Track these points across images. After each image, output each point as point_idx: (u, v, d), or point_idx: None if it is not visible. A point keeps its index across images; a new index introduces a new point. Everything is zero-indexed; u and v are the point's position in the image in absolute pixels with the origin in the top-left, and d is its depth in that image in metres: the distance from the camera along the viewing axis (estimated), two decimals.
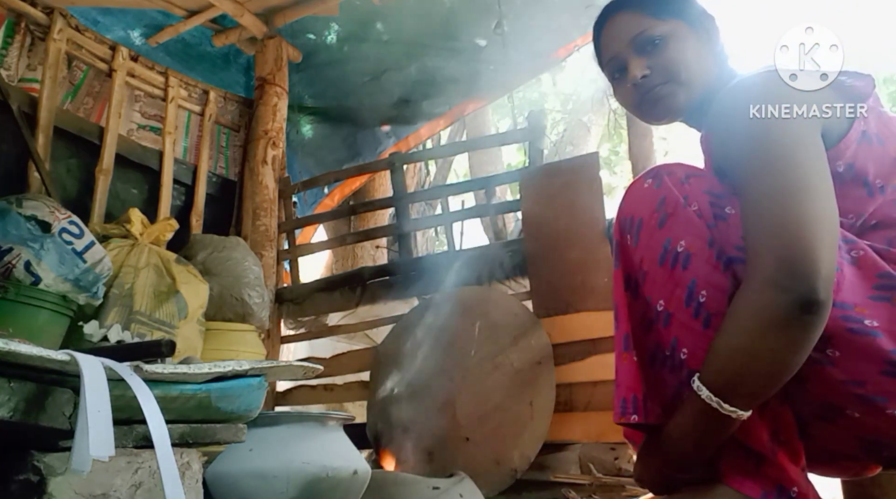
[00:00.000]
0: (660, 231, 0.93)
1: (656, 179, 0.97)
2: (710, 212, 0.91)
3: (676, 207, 0.93)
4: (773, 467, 0.85)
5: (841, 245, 0.84)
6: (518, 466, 1.98)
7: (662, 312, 0.91)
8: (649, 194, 0.96)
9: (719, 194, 0.93)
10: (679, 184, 0.94)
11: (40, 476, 0.90)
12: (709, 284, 0.88)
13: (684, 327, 0.89)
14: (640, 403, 0.91)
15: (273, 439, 1.20)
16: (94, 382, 0.81)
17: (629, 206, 0.99)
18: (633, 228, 0.97)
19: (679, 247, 0.91)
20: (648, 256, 0.93)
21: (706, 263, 0.89)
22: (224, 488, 1.18)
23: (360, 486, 1.23)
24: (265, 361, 1.29)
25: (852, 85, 0.96)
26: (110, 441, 0.76)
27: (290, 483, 1.13)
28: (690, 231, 0.91)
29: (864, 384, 0.81)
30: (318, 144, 4.19)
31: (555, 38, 3.86)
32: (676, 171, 0.97)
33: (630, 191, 1.00)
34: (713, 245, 0.89)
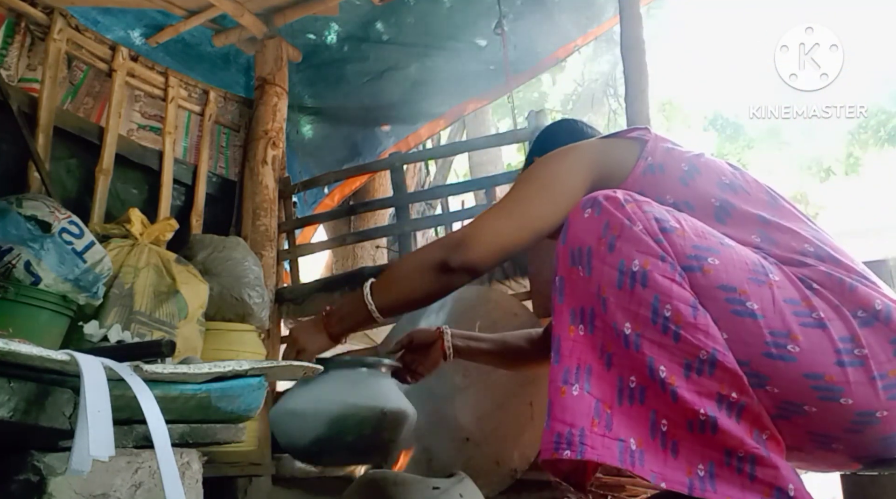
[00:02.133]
0: (611, 255, 0.94)
1: (595, 207, 0.98)
2: (656, 227, 0.94)
3: (622, 228, 0.94)
4: (766, 469, 0.85)
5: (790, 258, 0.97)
6: (518, 466, 1.98)
7: (631, 334, 0.91)
8: (592, 222, 0.97)
9: (662, 211, 0.97)
10: (619, 207, 0.96)
11: (40, 476, 0.90)
12: (670, 297, 0.90)
13: (656, 345, 0.90)
14: (574, 438, 0.88)
15: (315, 383, 1.31)
16: (94, 382, 0.81)
17: (573, 237, 0.99)
18: (582, 259, 0.97)
19: (634, 266, 0.92)
20: (606, 282, 0.93)
21: (663, 277, 0.91)
22: (274, 426, 1.33)
23: (392, 424, 1.29)
24: (265, 361, 1.29)
25: (636, 137, 1.18)
26: (110, 441, 0.76)
27: (317, 419, 1.25)
28: (641, 249, 0.93)
29: (822, 376, 0.86)
30: (318, 144, 4.19)
31: (555, 38, 3.86)
32: (613, 195, 0.99)
33: (571, 223, 1.00)
34: (665, 259, 0.92)
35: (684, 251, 0.93)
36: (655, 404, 0.89)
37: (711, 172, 1.10)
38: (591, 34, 4.08)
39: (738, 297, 0.90)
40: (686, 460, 0.87)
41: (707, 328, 0.88)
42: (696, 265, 0.92)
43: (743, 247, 0.97)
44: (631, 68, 2.49)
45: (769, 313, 0.88)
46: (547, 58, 4.04)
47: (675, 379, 0.88)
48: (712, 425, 0.86)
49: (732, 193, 1.07)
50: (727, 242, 0.97)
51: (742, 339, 0.88)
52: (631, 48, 2.52)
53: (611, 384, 0.92)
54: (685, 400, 0.87)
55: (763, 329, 0.88)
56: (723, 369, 0.87)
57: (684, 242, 0.94)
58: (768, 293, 0.90)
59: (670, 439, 0.89)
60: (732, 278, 0.91)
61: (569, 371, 0.92)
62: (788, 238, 1.01)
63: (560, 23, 3.69)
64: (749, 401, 0.87)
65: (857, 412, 0.86)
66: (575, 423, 0.89)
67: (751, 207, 1.05)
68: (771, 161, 9.70)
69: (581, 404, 0.90)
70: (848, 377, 0.85)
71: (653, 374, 0.89)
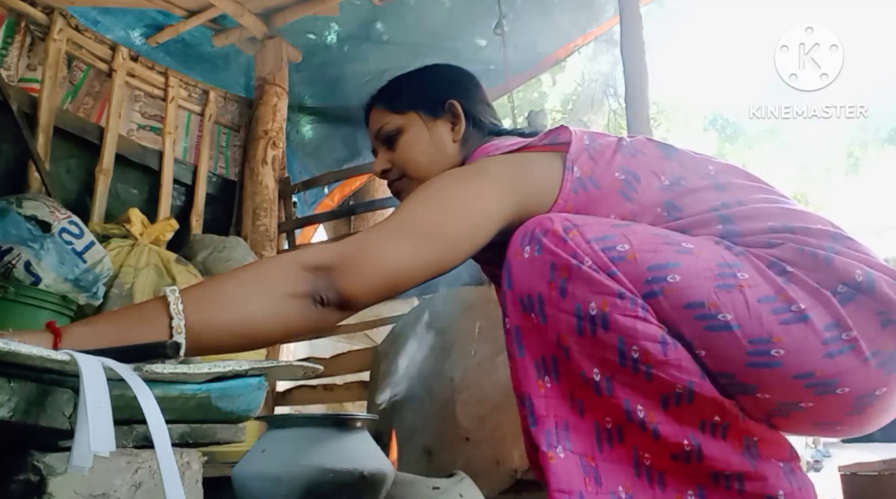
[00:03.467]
0: (565, 301, 0.86)
1: (533, 245, 0.88)
2: (605, 259, 0.86)
3: (570, 269, 0.86)
4: (755, 481, 0.84)
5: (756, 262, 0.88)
6: (518, 466, 1.98)
7: (601, 380, 0.85)
8: (535, 264, 0.88)
9: (605, 235, 0.88)
10: (561, 242, 0.87)
11: (40, 476, 0.90)
12: (636, 338, 0.83)
13: (628, 387, 0.85)
14: None
15: (283, 442, 1.20)
16: (94, 379, 0.81)
17: (520, 284, 0.89)
18: (534, 306, 0.88)
19: (591, 310, 0.84)
20: (565, 330, 0.86)
21: (625, 317, 0.83)
22: (240, 490, 1.20)
23: (371, 488, 1.20)
24: (265, 361, 1.29)
25: (555, 144, 1.03)
26: (111, 436, 0.75)
27: (292, 485, 1.13)
28: (595, 289, 0.85)
29: (812, 374, 0.81)
30: (318, 144, 4.19)
31: (555, 38, 3.86)
32: (550, 226, 0.89)
33: (513, 265, 0.90)
34: (623, 296, 0.84)
35: (640, 277, 0.85)
36: (635, 440, 0.86)
37: (649, 173, 1.00)
38: (591, 34, 4.08)
39: (708, 311, 0.83)
40: (675, 489, 0.85)
41: (679, 362, 0.83)
42: (657, 288, 0.84)
43: (704, 244, 0.90)
44: (631, 68, 2.49)
45: (745, 321, 0.82)
46: (547, 58, 4.04)
47: (654, 415, 0.84)
48: (697, 454, 0.84)
49: (679, 191, 0.99)
50: (685, 248, 0.88)
51: (722, 354, 0.83)
52: (631, 48, 2.52)
53: (588, 432, 0.87)
54: (667, 435, 0.84)
55: (741, 340, 0.82)
56: (701, 398, 0.83)
57: (638, 265, 0.86)
58: (740, 298, 0.83)
59: (655, 472, 0.86)
60: (698, 293, 0.84)
61: (549, 433, 0.86)
62: (750, 220, 0.94)
63: (560, 23, 3.69)
64: (733, 420, 0.84)
65: (854, 397, 0.83)
66: (573, 488, 0.84)
67: (701, 202, 0.97)
68: (771, 161, 9.71)
69: (570, 465, 0.85)
70: (840, 367, 0.81)
71: (630, 416, 0.85)
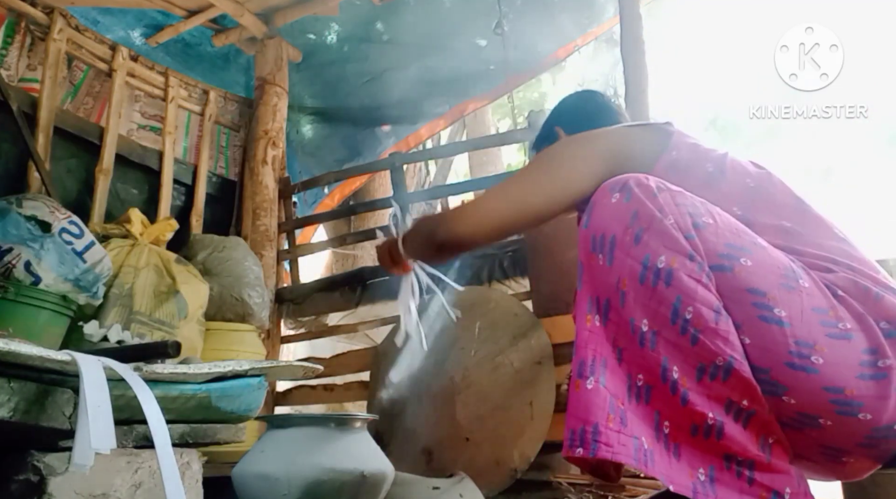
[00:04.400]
0: (636, 248, 0.89)
1: (624, 192, 0.93)
2: (688, 222, 0.90)
3: (652, 220, 0.89)
4: (765, 473, 0.85)
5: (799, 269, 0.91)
6: (518, 466, 1.98)
7: (648, 332, 0.87)
8: (620, 209, 0.92)
9: (695, 205, 0.92)
10: (651, 196, 0.91)
11: (40, 476, 0.90)
12: (693, 299, 0.86)
13: (672, 345, 0.86)
14: (587, 436, 0.85)
15: (283, 441, 1.21)
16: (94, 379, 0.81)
17: (598, 222, 0.93)
18: (604, 247, 0.91)
19: (660, 263, 0.87)
20: (628, 275, 0.89)
21: (689, 278, 0.86)
22: (240, 490, 1.20)
23: (372, 488, 1.20)
24: (265, 361, 1.29)
25: (662, 128, 1.15)
26: (111, 434, 0.76)
27: (291, 485, 1.13)
28: (669, 245, 0.88)
29: (842, 390, 0.83)
30: (318, 144, 4.19)
31: (555, 38, 3.86)
32: (645, 182, 0.93)
33: (596, 206, 0.94)
34: (694, 259, 0.87)
35: (716, 249, 0.88)
36: (660, 405, 0.87)
37: (737, 175, 1.06)
38: (591, 34, 4.08)
39: (766, 302, 0.86)
40: (688, 463, 0.86)
41: (727, 335, 0.85)
42: (728, 264, 0.88)
43: (775, 249, 0.93)
44: (631, 68, 2.49)
45: (796, 322, 0.85)
46: (547, 58, 4.03)
47: (687, 381, 0.86)
48: (718, 431, 0.85)
49: (757, 196, 1.03)
50: (760, 243, 0.92)
51: (765, 346, 0.85)
52: (631, 48, 2.52)
53: (622, 380, 0.88)
54: (695, 403, 0.85)
55: (788, 338, 0.84)
56: (737, 377, 0.84)
57: (717, 239, 0.89)
58: (797, 301, 0.86)
59: (672, 442, 0.87)
60: (763, 282, 0.87)
61: (584, 364, 0.88)
62: (813, 245, 0.97)
63: (560, 23, 3.69)
64: (759, 409, 0.85)
65: (873, 428, 0.84)
66: (588, 419, 0.85)
67: (774, 214, 1.01)
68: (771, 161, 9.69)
69: (596, 397, 0.86)
70: (869, 391, 0.82)
71: (665, 374, 0.86)
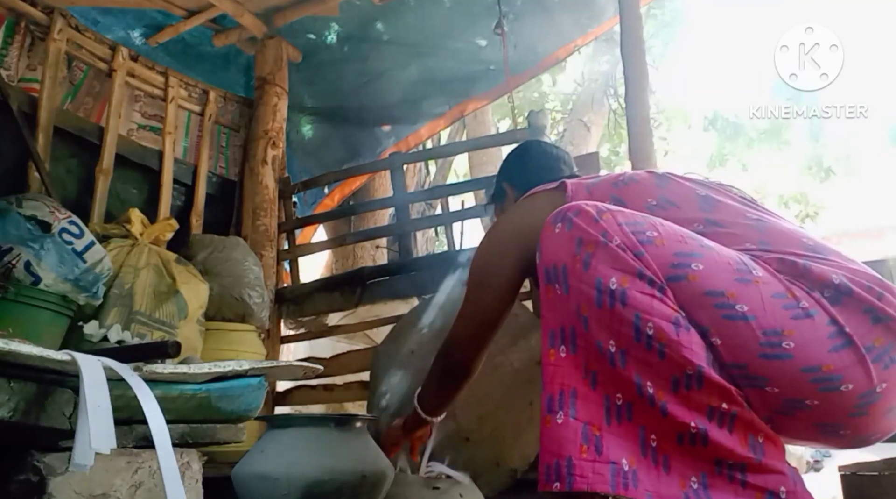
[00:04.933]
0: (587, 273, 0.92)
1: (565, 222, 0.97)
2: (634, 240, 0.92)
3: (596, 245, 0.93)
4: (757, 474, 0.85)
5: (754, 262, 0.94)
6: (518, 466, 1.98)
7: (616, 352, 0.89)
8: (564, 238, 0.96)
9: (636, 222, 0.95)
10: (592, 222, 0.95)
11: (40, 476, 0.90)
12: (651, 314, 0.88)
13: (641, 362, 0.88)
14: (562, 470, 0.87)
15: (284, 442, 1.21)
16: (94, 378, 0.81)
17: (547, 255, 0.97)
18: (558, 277, 0.95)
19: (612, 284, 0.90)
20: (585, 301, 0.92)
21: (642, 294, 0.89)
22: (240, 489, 1.20)
23: (372, 488, 1.21)
24: (265, 362, 1.29)
25: (551, 190, 1.24)
26: (111, 434, 0.76)
27: (290, 485, 1.13)
28: (618, 266, 0.91)
29: (819, 368, 0.85)
30: (318, 144, 4.19)
31: (555, 38, 3.86)
32: (585, 208, 0.97)
33: (543, 241, 0.99)
34: (643, 276, 0.90)
35: (666, 261, 0.91)
36: (644, 419, 0.89)
37: (636, 197, 1.10)
38: (591, 34, 4.07)
39: (727, 301, 0.88)
40: (679, 473, 0.87)
41: (690, 345, 0.87)
42: (681, 273, 0.90)
43: (722, 246, 0.96)
44: (631, 68, 2.49)
45: (759, 313, 0.87)
46: (547, 58, 4.03)
47: (664, 394, 0.87)
48: (703, 438, 0.86)
49: (662, 212, 1.06)
50: (707, 244, 0.95)
51: (737, 343, 0.87)
52: (631, 48, 2.52)
53: (598, 404, 0.90)
54: (675, 414, 0.86)
55: (756, 331, 0.87)
56: (710, 383, 0.86)
57: (665, 251, 0.92)
58: (756, 292, 0.89)
59: (661, 455, 0.88)
60: (718, 282, 0.89)
61: (552, 399, 0.91)
62: (730, 238, 1.00)
63: (560, 23, 3.69)
64: (739, 410, 0.86)
65: (858, 395, 0.85)
66: (561, 453, 0.87)
67: (683, 221, 1.03)
68: (771, 161, 9.69)
69: (566, 431, 0.88)
70: (844, 361, 0.85)
71: (640, 390, 0.88)
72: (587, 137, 6.76)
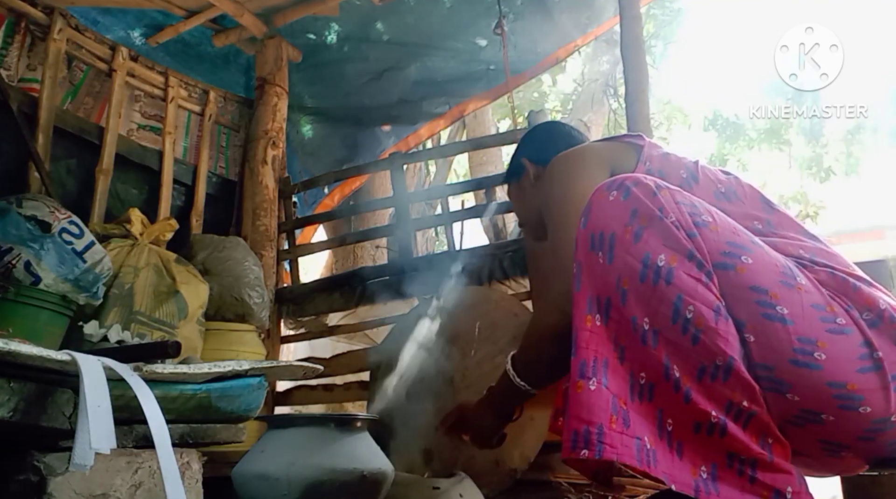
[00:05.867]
0: (636, 246, 0.90)
1: (621, 190, 0.94)
2: (689, 221, 0.91)
3: (651, 218, 0.91)
4: (767, 472, 0.85)
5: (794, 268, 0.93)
6: (518, 466, 1.98)
7: (649, 330, 0.88)
8: (618, 207, 0.93)
9: (694, 204, 0.94)
10: (650, 195, 0.92)
11: (40, 476, 0.90)
12: (694, 298, 0.86)
13: (672, 345, 0.87)
14: (592, 437, 0.84)
15: (284, 441, 1.21)
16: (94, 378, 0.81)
17: (596, 221, 0.94)
18: (604, 245, 0.92)
19: (660, 261, 0.88)
20: (627, 273, 0.89)
21: (689, 276, 0.87)
22: (240, 489, 1.20)
23: (371, 488, 1.21)
24: (265, 362, 1.29)
25: (632, 142, 1.20)
26: (111, 434, 0.76)
27: (290, 485, 1.13)
28: (669, 244, 0.89)
29: (844, 385, 0.84)
30: (318, 144, 4.19)
31: (555, 38, 3.86)
32: (644, 180, 0.94)
33: (594, 206, 0.95)
34: (693, 258, 0.88)
35: (718, 247, 0.90)
36: (663, 402, 0.88)
37: (708, 180, 1.10)
38: (591, 34, 4.07)
39: (769, 300, 0.87)
40: (690, 461, 0.86)
41: (727, 335, 0.86)
42: (730, 263, 0.89)
43: (770, 248, 0.95)
44: (631, 68, 2.49)
45: (798, 319, 0.86)
46: (547, 58, 4.03)
47: (688, 381, 0.86)
48: (721, 429, 0.85)
49: (727, 203, 1.06)
50: (757, 242, 0.94)
51: (770, 343, 0.86)
52: (631, 48, 2.52)
53: (624, 379, 0.89)
54: (698, 402, 0.85)
55: (792, 336, 0.86)
56: (737, 378, 0.85)
57: (718, 237, 0.91)
58: (797, 298, 0.88)
59: (675, 440, 0.87)
60: (764, 280, 0.88)
61: (585, 364, 0.88)
62: (785, 243, 0.99)
63: (560, 23, 3.69)
64: (759, 411, 0.86)
65: (873, 420, 0.85)
66: (593, 420, 0.85)
67: (746, 217, 1.04)
68: (771, 161, 9.70)
69: (599, 399, 0.86)
70: (869, 384, 0.84)
71: (667, 373, 0.87)
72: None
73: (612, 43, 6.12)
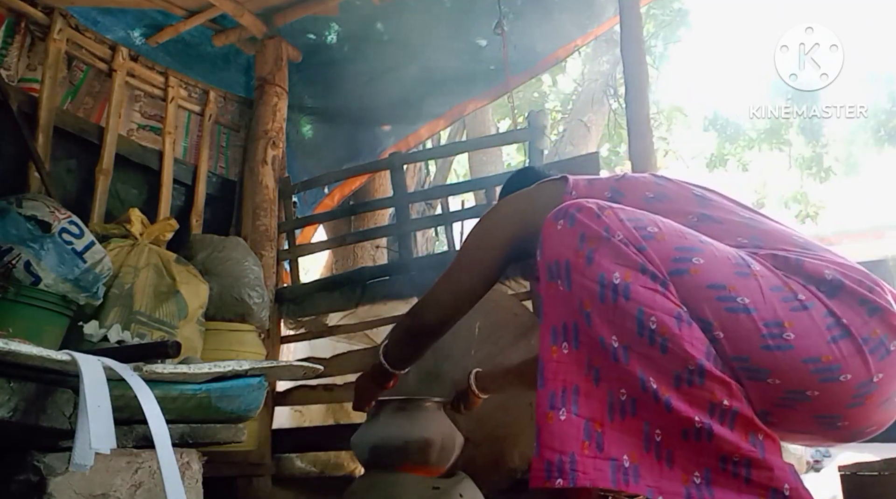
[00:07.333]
0: (590, 268, 0.93)
1: (567, 218, 0.98)
2: (636, 235, 0.94)
3: (599, 240, 0.94)
4: (762, 471, 0.85)
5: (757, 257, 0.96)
6: (518, 466, 1.98)
7: (619, 347, 0.90)
8: (566, 234, 0.96)
9: (638, 218, 0.97)
10: (594, 218, 0.96)
11: (40, 476, 0.90)
12: (654, 309, 0.89)
13: (643, 357, 0.89)
14: (565, 466, 0.87)
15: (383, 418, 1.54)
16: (94, 378, 0.81)
17: (549, 251, 0.98)
18: (561, 272, 0.95)
19: (615, 279, 0.91)
20: (587, 296, 0.92)
21: (645, 289, 0.90)
22: (357, 454, 1.59)
23: (417, 449, 1.47)
24: (265, 362, 1.29)
25: (554, 180, 1.24)
26: (111, 434, 0.76)
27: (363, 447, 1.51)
28: (621, 261, 0.92)
29: (819, 358, 0.86)
30: (318, 144, 4.19)
31: (555, 38, 3.86)
32: (586, 205, 0.98)
33: (546, 237, 0.99)
34: (646, 270, 0.91)
35: (668, 255, 0.93)
36: (648, 415, 0.89)
37: (634, 190, 1.13)
38: (591, 34, 4.07)
39: (728, 293, 0.90)
40: (682, 468, 0.87)
41: (692, 339, 0.88)
42: (683, 267, 0.92)
43: (719, 242, 0.97)
44: (631, 68, 2.49)
45: (760, 305, 0.89)
46: (547, 58, 4.03)
47: (667, 390, 0.88)
48: (707, 433, 0.86)
49: (659, 204, 1.08)
50: (705, 239, 0.97)
51: (739, 335, 0.89)
52: (631, 48, 2.52)
53: (600, 400, 0.91)
54: (679, 409, 0.87)
55: (758, 322, 0.88)
56: (711, 378, 0.87)
57: (666, 245, 0.94)
58: (755, 285, 0.90)
59: (665, 450, 0.88)
60: (719, 276, 0.91)
61: (554, 395, 0.92)
62: (722, 233, 1.02)
63: (560, 23, 3.69)
64: (741, 405, 0.87)
65: (856, 386, 0.87)
66: (564, 449, 0.88)
67: (679, 214, 1.05)
68: (771, 161, 9.70)
69: (570, 427, 0.89)
70: (842, 352, 0.86)
71: (644, 386, 0.88)
72: (587, 137, 6.76)
73: (612, 43, 6.12)
